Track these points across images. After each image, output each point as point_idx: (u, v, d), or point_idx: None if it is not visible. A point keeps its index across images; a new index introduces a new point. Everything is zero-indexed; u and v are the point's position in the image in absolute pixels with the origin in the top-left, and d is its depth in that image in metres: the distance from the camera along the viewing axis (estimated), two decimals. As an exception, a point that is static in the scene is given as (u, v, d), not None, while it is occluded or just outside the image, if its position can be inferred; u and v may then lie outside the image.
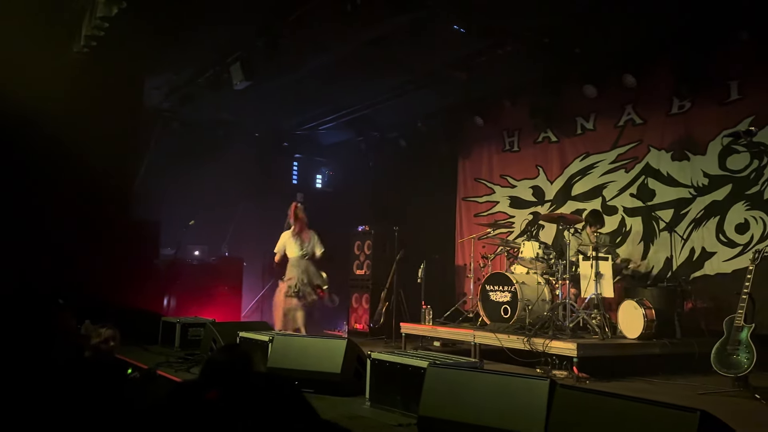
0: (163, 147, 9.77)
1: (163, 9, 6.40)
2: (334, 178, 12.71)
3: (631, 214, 7.89)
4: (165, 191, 9.55)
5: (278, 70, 7.81)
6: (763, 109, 6.63)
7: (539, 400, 2.81)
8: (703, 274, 7.08)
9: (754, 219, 6.71)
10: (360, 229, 9.68)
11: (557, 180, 8.82)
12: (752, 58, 6.70)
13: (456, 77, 7.79)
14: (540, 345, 5.76)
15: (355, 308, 9.42)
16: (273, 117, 10.44)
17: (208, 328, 5.96)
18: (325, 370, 4.38)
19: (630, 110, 7.98)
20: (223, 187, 10.37)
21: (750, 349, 4.77)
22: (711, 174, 7.15)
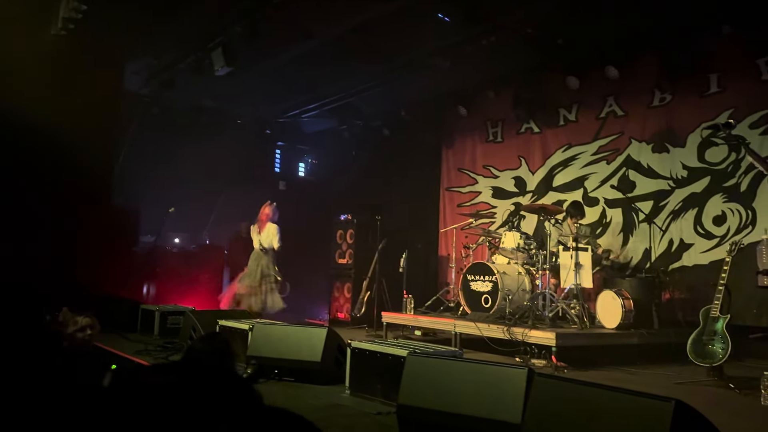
0: (144, 133, 9.64)
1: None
2: (316, 166, 12.65)
3: (611, 206, 7.96)
4: (145, 178, 9.44)
5: (260, 56, 7.74)
6: (742, 102, 6.72)
7: (517, 389, 2.83)
8: (681, 265, 7.17)
9: (731, 211, 6.81)
10: (342, 217, 9.65)
11: (539, 171, 8.86)
12: (732, 52, 6.78)
13: (438, 65, 7.76)
14: (519, 334, 5.80)
15: (337, 297, 9.41)
16: (255, 104, 10.35)
17: (187, 317, 5.92)
18: (305, 358, 4.38)
19: (612, 102, 8.03)
20: (205, 174, 10.26)
21: (725, 339, 4.85)
22: (690, 166, 7.23)
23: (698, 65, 7.07)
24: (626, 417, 2.25)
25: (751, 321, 6.02)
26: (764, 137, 6.50)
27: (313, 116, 10.81)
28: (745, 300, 6.11)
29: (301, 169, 12.65)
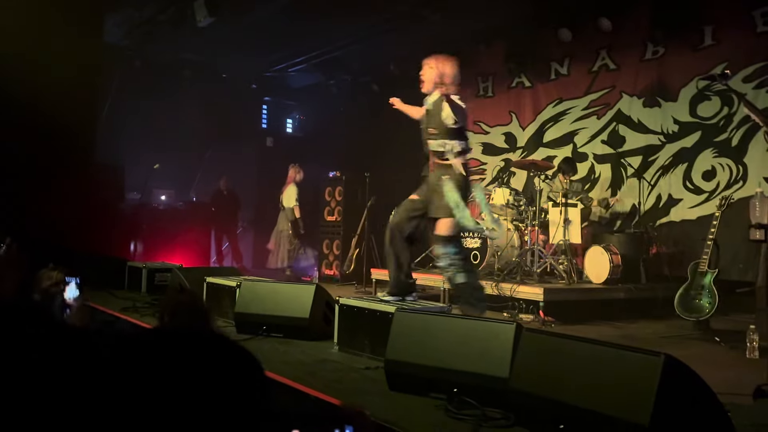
0: (127, 87, 9.41)
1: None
2: (304, 122, 12.47)
3: (600, 161, 7.91)
4: (129, 133, 9.27)
5: (244, 6, 7.49)
6: (736, 55, 6.61)
7: (505, 344, 2.82)
8: (669, 220, 7.18)
9: (720, 166, 6.78)
10: (331, 174, 9.55)
11: (529, 126, 8.76)
12: (727, 3, 6.65)
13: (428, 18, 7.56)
14: (508, 290, 5.82)
15: (326, 254, 9.39)
16: (240, 57, 10.09)
17: (174, 274, 5.87)
18: (293, 315, 4.36)
19: (604, 55, 7.89)
20: (190, 130, 10.10)
21: (712, 293, 4.88)
22: (681, 121, 7.16)
23: (692, 17, 6.92)
24: (615, 371, 2.25)
25: (737, 276, 6.06)
26: (758, 91, 6.41)
27: (300, 70, 10.57)
28: (732, 255, 6.15)
29: (289, 125, 12.47)
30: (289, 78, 11.11)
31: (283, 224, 9.14)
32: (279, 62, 10.38)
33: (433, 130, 4.33)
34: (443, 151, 4.30)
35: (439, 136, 4.30)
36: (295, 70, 10.54)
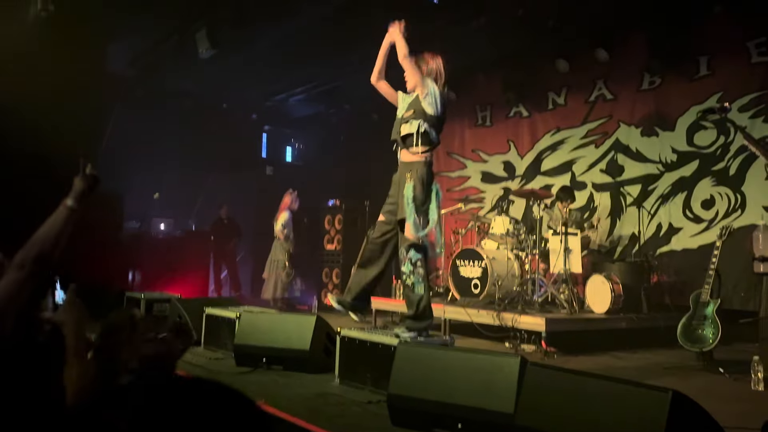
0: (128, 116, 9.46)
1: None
2: (304, 151, 12.53)
3: (599, 190, 7.94)
4: (130, 162, 9.28)
5: (246, 38, 7.57)
6: (731, 85, 6.69)
7: (510, 378, 2.79)
8: (670, 249, 7.18)
9: (719, 195, 6.80)
10: (330, 203, 9.57)
11: (528, 155, 8.81)
12: (722, 34, 6.73)
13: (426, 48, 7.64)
14: (509, 320, 5.78)
15: (326, 283, 9.35)
16: (241, 87, 10.17)
17: (173, 304, 5.83)
18: (293, 347, 4.32)
19: (601, 85, 7.98)
20: (191, 158, 10.13)
21: (715, 324, 4.85)
22: (679, 150, 7.21)
23: (688, 47, 7.02)
24: (623, 408, 2.22)
25: (739, 305, 6.04)
26: (754, 120, 6.47)
27: (301, 100, 10.65)
28: (734, 284, 6.14)
29: (289, 154, 12.52)
30: (289, 107, 11.19)
31: (277, 254, 8.93)
32: (279, 92, 10.46)
33: (408, 113, 4.17)
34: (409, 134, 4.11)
35: (411, 116, 4.14)
36: (296, 99, 10.62)
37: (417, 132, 4.10)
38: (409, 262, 4.04)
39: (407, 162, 4.18)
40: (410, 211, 3.99)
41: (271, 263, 8.99)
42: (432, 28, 7.45)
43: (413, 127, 4.12)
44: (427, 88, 4.13)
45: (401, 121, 4.22)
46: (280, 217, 8.94)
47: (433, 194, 4.13)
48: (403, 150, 4.24)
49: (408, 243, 4.04)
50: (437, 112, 4.14)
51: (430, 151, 4.16)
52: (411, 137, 4.13)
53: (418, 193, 4.04)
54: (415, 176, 4.08)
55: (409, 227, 4.05)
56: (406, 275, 4.06)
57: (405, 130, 4.16)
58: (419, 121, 4.11)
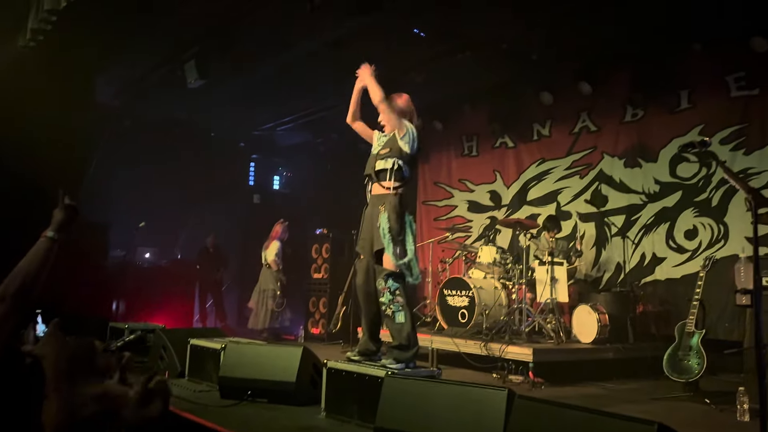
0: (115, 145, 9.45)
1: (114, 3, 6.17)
2: (291, 179, 12.56)
3: (584, 220, 8.01)
4: (116, 190, 9.25)
5: (235, 69, 7.64)
6: (712, 118, 6.84)
7: (497, 411, 2.79)
8: (654, 279, 7.23)
9: (702, 225, 6.89)
10: (318, 231, 9.56)
11: (513, 185, 8.90)
12: (702, 69, 6.90)
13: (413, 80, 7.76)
14: (497, 350, 5.78)
15: (312, 312, 9.29)
16: (229, 117, 10.23)
17: (157, 335, 5.76)
18: (279, 379, 4.27)
19: (585, 117, 8.11)
20: (177, 187, 10.11)
21: (701, 354, 4.88)
22: (662, 181, 7.31)
23: (669, 82, 7.17)
24: (609, 442, 2.22)
25: (723, 335, 6.07)
26: (734, 153, 6.61)
27: (288, 129, 10.72)
28: (718, 314, 6.19)
29: (276, 182, 12.54)
30: (277, 136, 11.24)
31: (266, 282, 8.98)
32: (267, 121, 10.53)
33: (384, 150, 4.28)
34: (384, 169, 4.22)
35: (387, 153, 4.25)
36: (283, 129, 10.68)
37: (391, 168, 4.21)
38: (388, 292, 4.07)
39: (379, 195, 4.29)
40: (388, 241, 4.06)
41: (260, 293, 8.95)
42: (419, 60, 7.59)
43: (388, 163, 4.24)
44: (405, 129, 4.25)
45: (376, 157, 4.34)
46: (272, 246, 8.98)
47: (407, 225, 4.19)
48: (375, 184, 4.33)
49: (385, 273, 4.08)
50: (413, 151, 4.27)
51: (402, 186, 4.25)
52: (385, 172, 4.25)
53: (393, 224, 4.11)
54: (388, 207, 4.15)
55: (387, 257, 4.10)
56: (385, 305, 4.09)
57: (380, 165, 4.28)
58: (395, 159, 4.22)
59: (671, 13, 6.21)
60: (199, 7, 6.42)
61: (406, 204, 4.31)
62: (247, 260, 10.98)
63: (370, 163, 4.37)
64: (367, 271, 4.29)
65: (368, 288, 4.28)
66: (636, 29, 6.68)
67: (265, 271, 9.03)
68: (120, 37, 6.94)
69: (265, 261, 9.03)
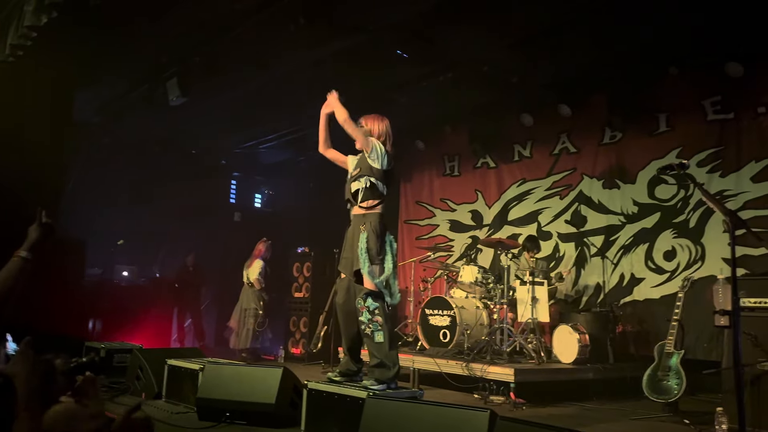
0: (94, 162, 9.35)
1: (96, 20, 6.14)
2: (273, 197, 12.50)
3: (564, 240, 8.08)
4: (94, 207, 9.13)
5: (217, 87, 7.63)
6: (689, 141, 6.97)
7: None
8: (633, 299, 7.29)
9: (680, 246, 6.98)
10: (299, 250, 9.51)
11: (495, 205, 8.96)
12: (679, 93, 7.04)
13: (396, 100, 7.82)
14: (478, 370, 5.76)
15: (293, 332, 9.20)
16: (211, 134, 10.18)
17: (134, 355, 5.66)
18: (258, 400, 4.21)
19: (565, 139, 8.22)
20: (157, 204, 10.01)
21: (680, 375, 4.91)
22: (640, 202, 7.41)
23: (647, 105, 7.32)
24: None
25: (702, 355, 6.13)
26: (711, 175, 6.73)
27: (271, 147, 10.69)
28: (697, 335, 6.25)
29: (258, 200, 12.48)
30: (259, 154, 11.20)
31: (248, 301, 8.90)
32: (249, 139, 10.50)
33: (356, 171, 4.35)
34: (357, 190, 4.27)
35: (358, 173, 4.31)
36: (266, 147, 10.66)
37: (365, 187, 4.26)
38: (367, 311, 4.07)
39: (359, 215, 4.33)
40: (365, 260, 4.09)
41: (241, 311, 8.85)
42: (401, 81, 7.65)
43: (361, 183, 4.30)
44: (371, 145, 4.30)
45: (351, 180, 4.40)
46: (255, 265, 8.91)
47: (387, 245, 4.21)
48: (354, 206, 4.37)
49: (365, 292, 4.09)
50: (383, 166, 4.31)
51: (380, 204, 4.29)
52: (359, 193, 4.29)
53: (372, 244, 4.15)
54: (368, 227, 4.19)
55: (365, 276, 4.12)
56: (365, 324, 4.09)
57: (354, 187, 4.34)
58: (366, 177, 4.28)
59: (648, 37, 6.34)
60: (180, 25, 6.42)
61: (386, 223, 4.33)
62: (227, 279, 10.88)
63: (347, 186, 4.44)
64: (348, 290, 4.29)
65: (348, 307, 4.27)
66: (614, 53, 6.81)
67: (246, 290, 8.95)
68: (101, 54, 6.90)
69: (247, 279, 8.96)
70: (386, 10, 6.08)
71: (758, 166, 6.44)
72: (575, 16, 6.01)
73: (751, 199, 6.42)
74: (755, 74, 6.41)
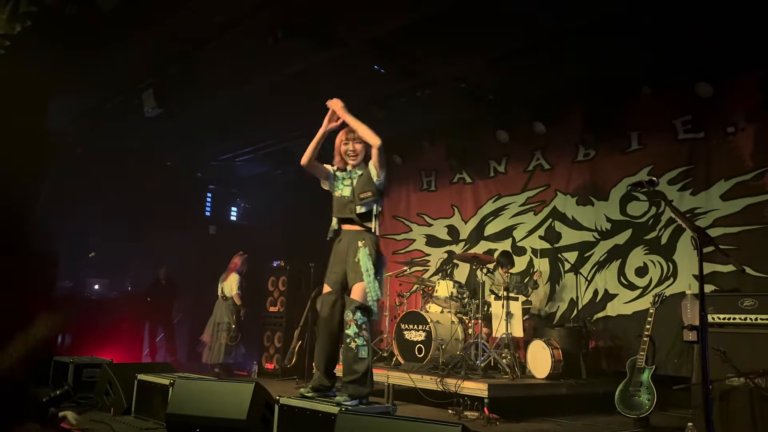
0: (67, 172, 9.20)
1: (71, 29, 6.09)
2: (249, 210, 12.42)
3: (539, 255, 8.15)
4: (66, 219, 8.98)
5: (193, 98, 7.59)
6: (660, 159, 7.10)
7: (451, 448, 2.76)
8: (606, 315, 7.37)
9: (652, 263, 7.09)
10: (275, 264, 9.44)
11: (471, 220, 9.01)
12: (651, 112, 7.18)
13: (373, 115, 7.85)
14: (452, 386, 5.75)
15: (267, 347, 9.10)
16: (187, 146, 10.11)
17: (103, 369, 5.54)
18: (229, 416, 4.13)
19: (539, 156, 8.32)
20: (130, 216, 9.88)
21: (651, 390, 4.96)
22: (613, 219, 7.52)
23: (620, 123, 7.45)
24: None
25: (673, 371, 6.21)
26: (682, 193, 6.86)
27: (247, 160, 10.65)
28: (667, 350, 6.34)
29: (234, 213, 12.39)
30: (235, 167, 11.15)
31: (222, 315, 8.80)
32: (226, 152, 10.45)
33: (365, 194, 4.18)
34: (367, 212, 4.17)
35: (370, 198, 4.17)
36: (242, 160, 10.61)
37: (370, 209, 4.16)
38: (355, 324, 4.01)
39: (358, 231, 4.21)
40: (367, 275, 4.02)
41: (214, 326, 8.71)
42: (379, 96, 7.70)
43: (372, 208, 4.18)
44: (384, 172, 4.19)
45: (356, 200, 4.20)
46: (231, 279, 8.82)
47: (382, 265, 4.20)
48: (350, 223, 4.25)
49: (356, 305, 4.02)
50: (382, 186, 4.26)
51: (378, 223, 4.23)
52: (366, 215, 4.19)
53: (375, 260, 4.08)
54: (369, 244, 4.12)
55: (359, 291, 4.05)
56: (350, 338, 4.00)
57: (361, 210, 4.18)
58: (372, 198, 4.17)
59: (621, 57, 6.48)
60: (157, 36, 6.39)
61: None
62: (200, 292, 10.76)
63: (348, 206, 4.23)
64: (333, 305, 4.21)
65: (332, 323, 4.20)
66: (588, 72, 6.94)
67: (220, 304, 8.83)
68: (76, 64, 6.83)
69: (222, 293, 8.84)
70: (364, 25, 6.13)
71: (727, 184, 6.59)
72: (550, 35, 6.12)
73: (721, 216, 6.55)
74: (724, 94, 6.58)
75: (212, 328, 8.74)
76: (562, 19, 5.83)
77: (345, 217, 4.27)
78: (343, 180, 4.33)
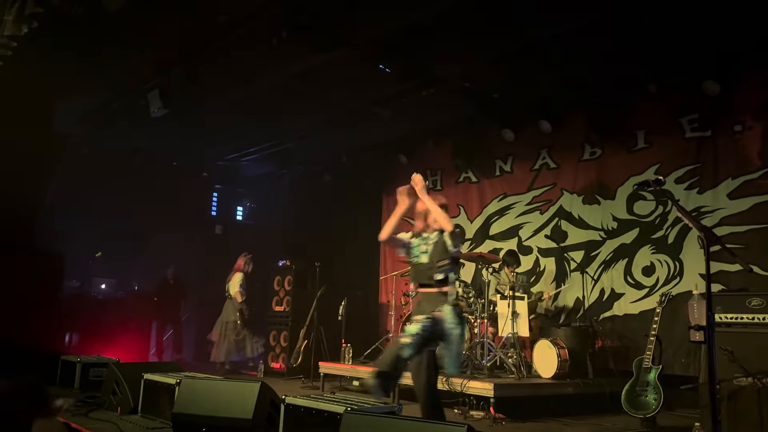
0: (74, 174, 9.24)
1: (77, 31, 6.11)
2: (255, 210, 12.45)
3: (545, 255, 8.12)
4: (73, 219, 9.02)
5: (199, 99, 7.61)
6: (667, 158, 7.06)
7: (456, 448, 2.75)
8: (612, 314, 7.33)
9: (659, 262, 7.05)
10: (281, 263, 9.45)
11: (477, 219, 8.99)
12: (657, 111, 7.13)
13: (379, 115, 7.86)
14: (458, 385, 5.74)
15: (273, 346, 9.12)
16: (193, 147, 10.14)
17: (110, 369, 5.57)
18: (235, 415, 4.15)
19: (545, 155, 8.29)
20: (137, 216, 9.92)
21: (658, 390, 4.94)
22: (620, 218, 7.48)
23: (626, 122, 7.41)
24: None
25: (680, 370, 6.18)
26: (689, 191, 6.81)
27: (253, 160, 10.67)
28: (674, 350, 6.30)
29: (239, 213, 12.41)
30: (241, 167, 11.17)
31: (229, 314, 8.88)
32: (232, 152, 10.47)
33: (442, 262, 4.18)
34: (445, 278, 4.18)
35: (447, 266, 4.18)
36: (248, 159, 10.63)
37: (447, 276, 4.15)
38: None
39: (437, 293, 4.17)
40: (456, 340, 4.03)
41: (222, 325, 8.87)
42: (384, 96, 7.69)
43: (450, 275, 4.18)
44: (459, 246, 4.26)
45: (437, 269, 4.19)
46: (235, 278, 8.94)
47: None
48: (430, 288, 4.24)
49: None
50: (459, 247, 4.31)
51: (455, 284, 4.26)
52: (443, 281, 4.18)
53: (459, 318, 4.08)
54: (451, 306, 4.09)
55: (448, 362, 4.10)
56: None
57: (440, 276, 4.18)
58: (449, 264, 4.17)
59: (627, 55, 6.44)
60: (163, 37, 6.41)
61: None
62: (208, 291, 10.79)
63: (425, 272, 4.25)
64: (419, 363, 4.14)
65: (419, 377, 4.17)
66: (594, 70, 6.90)
67: (227, 303, 8.94)
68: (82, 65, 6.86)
69: (228, 292, 8.95)
70: (369, 25, 6.12)
71: (734, 183, 6.54)
72: (556, 34, 6.10)
73: (727, 215, 6.51)
74: (732, 92, 6.53)
75: (221, 327, 8.88)
76: (564, 19, 5.80)
77: (422, 282, 4.30)
78: (419, 246, 4.36)
